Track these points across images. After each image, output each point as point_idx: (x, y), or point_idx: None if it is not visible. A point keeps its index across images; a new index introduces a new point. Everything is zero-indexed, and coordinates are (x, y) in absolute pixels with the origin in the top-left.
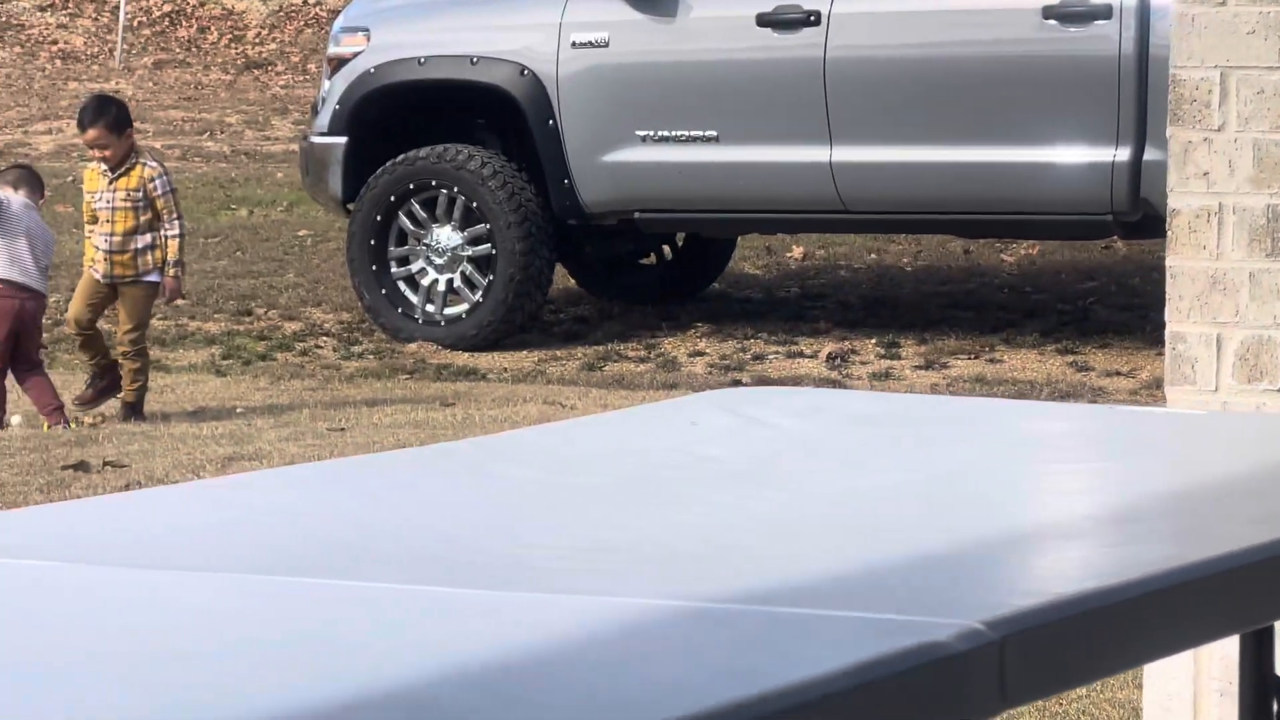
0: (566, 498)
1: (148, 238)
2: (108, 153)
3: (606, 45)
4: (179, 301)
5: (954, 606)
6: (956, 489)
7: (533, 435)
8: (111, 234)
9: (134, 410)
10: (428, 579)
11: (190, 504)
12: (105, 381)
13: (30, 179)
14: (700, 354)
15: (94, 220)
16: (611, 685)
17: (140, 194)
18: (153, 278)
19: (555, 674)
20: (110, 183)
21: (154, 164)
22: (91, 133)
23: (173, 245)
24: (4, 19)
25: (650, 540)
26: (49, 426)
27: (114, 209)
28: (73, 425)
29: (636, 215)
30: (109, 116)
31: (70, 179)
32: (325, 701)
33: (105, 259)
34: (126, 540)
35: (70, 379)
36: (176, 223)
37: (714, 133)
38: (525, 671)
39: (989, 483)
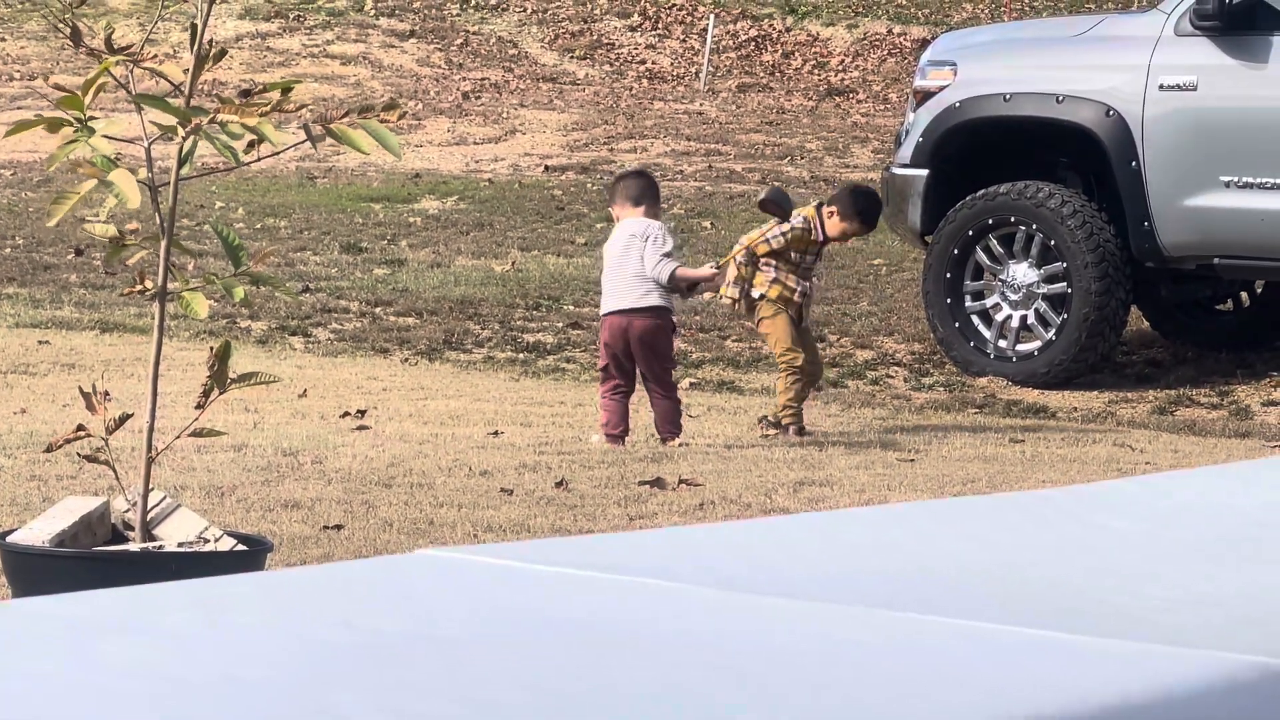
0: (1166, 550)
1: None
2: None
3: (1195, 89)
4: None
5: None
6: None
7: (1130, 487)
8: (813, 287)
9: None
10: (1040, 622)
11: (805, 534)
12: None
13: (649, 191)
14: (1275, 404)
15: (786, 265)
16: None
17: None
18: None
19: None
20: (820, 247)
21: None
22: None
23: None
24: (596, 37)
25: (1249, 598)
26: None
27: (812, 268)
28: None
29: (1216, 261)
30: None
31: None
32: None
33: (804, 301)
34: (751, 566)
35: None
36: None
37: None
38: (1143, 718)
39: None
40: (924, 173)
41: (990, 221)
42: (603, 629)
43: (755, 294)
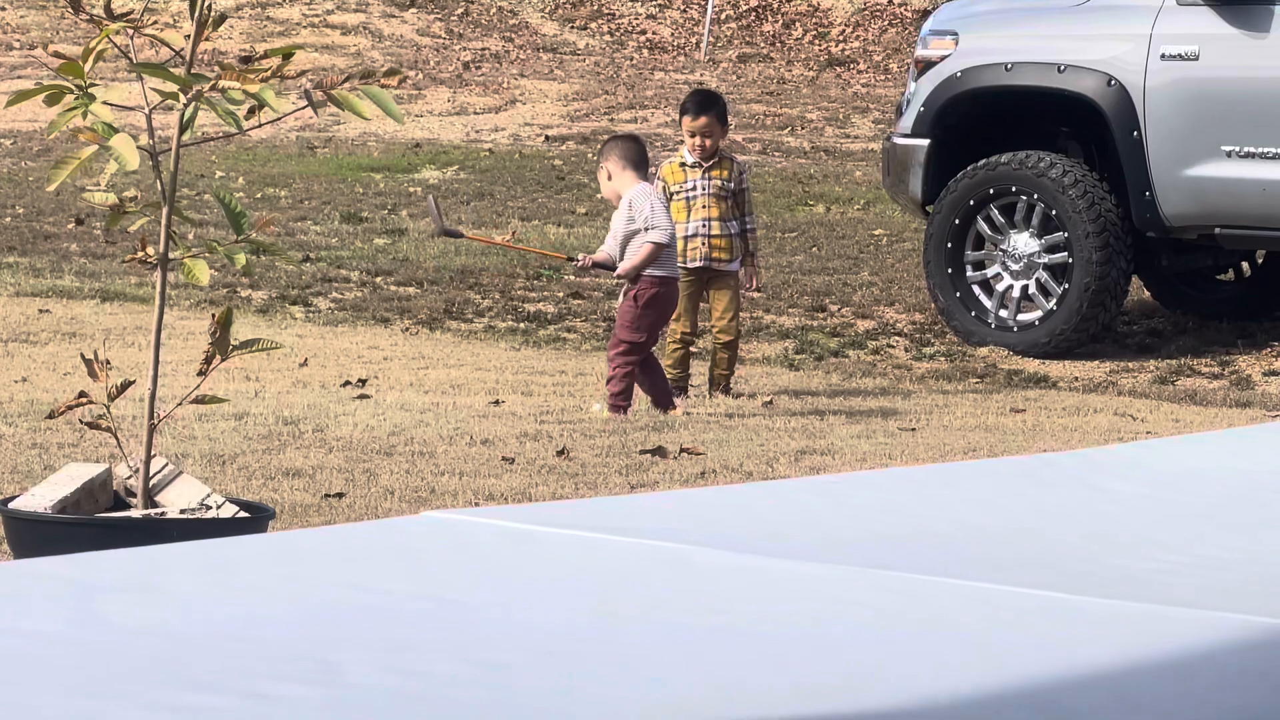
0: (1169, 514)
1: (734, 225)
2: (707, 142)
3: (1196, 58)
4: (755, 294)
5: None
6: None
7: (1133, 451)
8: (709, 219)
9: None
10: (1043, 584)
11: (808, 497)
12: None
13: (639, 153)
14: (1276, 373)
15: (681, 212)
16: (1240, 701)
17: (730, 186)
18: (734, 266)
19: (1175, 684)
20: (704, 172)
21: (741, 160)
22: (703, 119)
23: (754, 239)
24: (596, 7)
25: (1255, 560)
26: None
27: (709, 195)
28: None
29: (1218, 230)
30: (719, 109)
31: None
32: (952, 693)
33: (704, 243)
34: (756, 528)
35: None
36: (753, 218)
37: None
38: (1146, 679)
39: None
40: (925, 142)
41: (991, 191)
42: (608, 590)
43: None
